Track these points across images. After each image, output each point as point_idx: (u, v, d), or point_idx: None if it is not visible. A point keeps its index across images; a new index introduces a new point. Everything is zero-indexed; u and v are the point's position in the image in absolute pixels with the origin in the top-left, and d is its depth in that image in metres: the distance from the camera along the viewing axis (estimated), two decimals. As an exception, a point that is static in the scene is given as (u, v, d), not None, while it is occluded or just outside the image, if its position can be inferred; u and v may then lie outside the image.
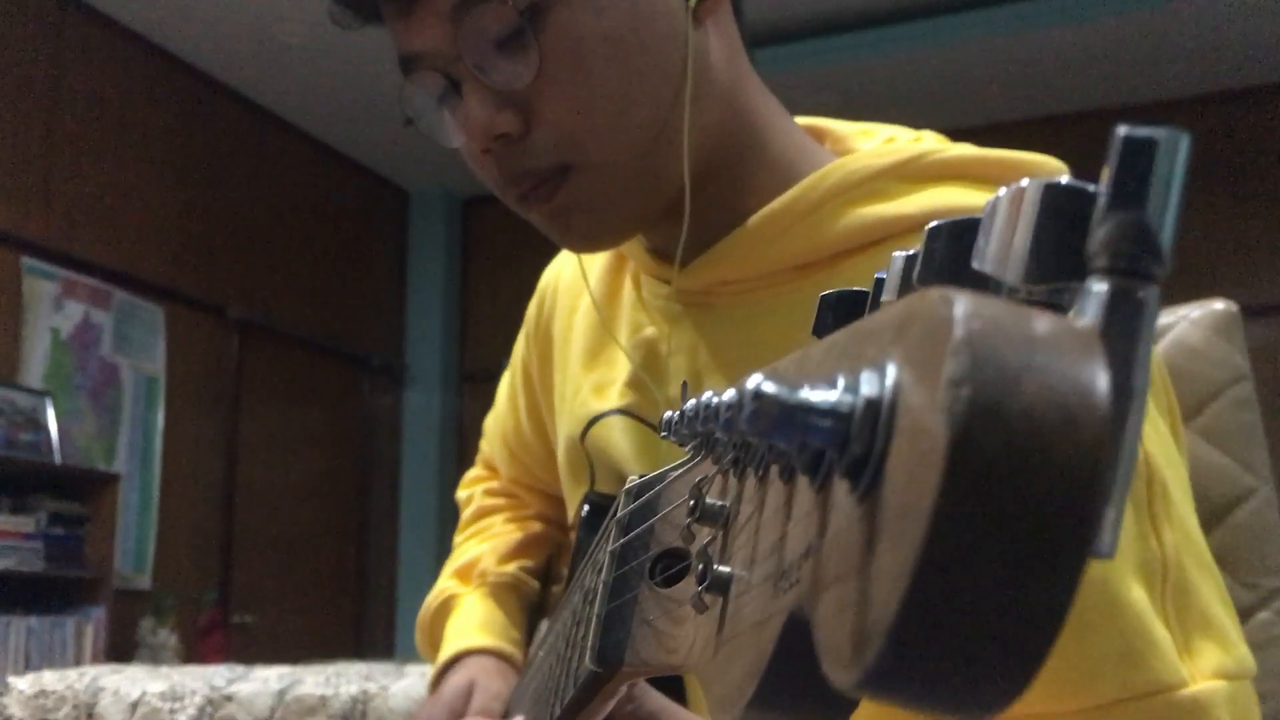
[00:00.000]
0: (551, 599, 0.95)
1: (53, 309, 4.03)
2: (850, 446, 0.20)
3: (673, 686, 0.71)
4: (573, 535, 0.83)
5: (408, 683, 1.91)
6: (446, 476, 5.61)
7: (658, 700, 0.59)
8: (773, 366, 0.27)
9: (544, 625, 0.95)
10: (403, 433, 5.85)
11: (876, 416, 0.19)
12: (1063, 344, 0.18)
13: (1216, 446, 0.90)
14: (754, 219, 0.70)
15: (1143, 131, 0.20)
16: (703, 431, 0.30)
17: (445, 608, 0.93)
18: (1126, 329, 0.19)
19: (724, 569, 0.28)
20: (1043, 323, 0.18)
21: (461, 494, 1.06)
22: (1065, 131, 4.96)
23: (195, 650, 4.34)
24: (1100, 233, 0.20)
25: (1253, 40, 4.50)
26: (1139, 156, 0.20)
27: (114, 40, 4.36)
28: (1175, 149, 0.20)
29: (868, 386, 0.20)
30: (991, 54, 4.61)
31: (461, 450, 5.71)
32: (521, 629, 0.91)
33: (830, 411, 0.20)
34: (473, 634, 0.87)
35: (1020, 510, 0.17)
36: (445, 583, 0.95)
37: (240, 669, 2.09)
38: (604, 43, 0.65)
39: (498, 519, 1.00)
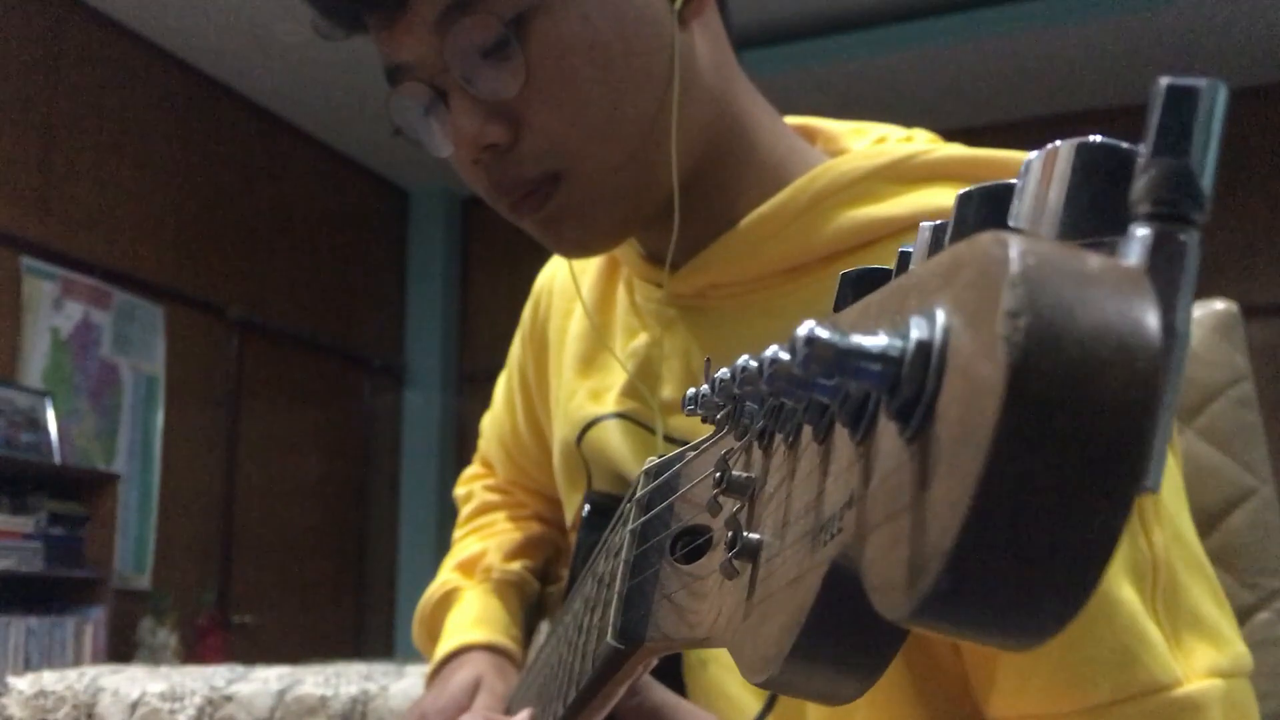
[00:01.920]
0: (548, 600, 0.95)
1: (52, 309, 4.03)
2: (901, 389, 0.20)
3: (673, 684, 0.71)
4: (572, 536, 0.83)
5: (408, 683, 1.91)
6: (446, 476, 5.61)
7: (662, 694, 0.59)
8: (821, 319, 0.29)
9: (543, 626, 0.95)
10: (403, 433, 5.85)
11: (927, 358, 0.20)
12: (1114, 279, 0.18)
13: (1216, 447, 0.90)
14: (744, 222, 0.70)
15: (1185, 81, 0.21)
16: (740, 396, 0.30)
17: (446, 600, 0.93)
18: (1170, 271, 0.20)
19: (753, 535, 0.28)
20: (1094, 260, 0.18)
21: (460, 490, 1.06)
22: (1065, 131, 4.92)
23: (195, 650, 4.34)
24: (1143, 180, 0.21)
25: (1253, 40, 4.50)
26: (1182, 105, 0.21)
27: (114, 40, 4.36)
28: (1215, 98, 0.21)
29: (917, 330, 0.20)
30: (991, 54, 4.61)
31: (461, 450, 5.70)
32: (522, 627, 0.91)
33: (880, 355, 0.20)
34: (475, 628, 0.87)
35: (1078, 435, 0.17)
36: (447, 575, 0.95)
37: (240, 669, 2.09)
38: (589, 50, 0.65)
39: (499, 516, 1.00)
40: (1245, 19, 4.35)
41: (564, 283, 0.89)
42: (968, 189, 0.24)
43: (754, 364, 0.27)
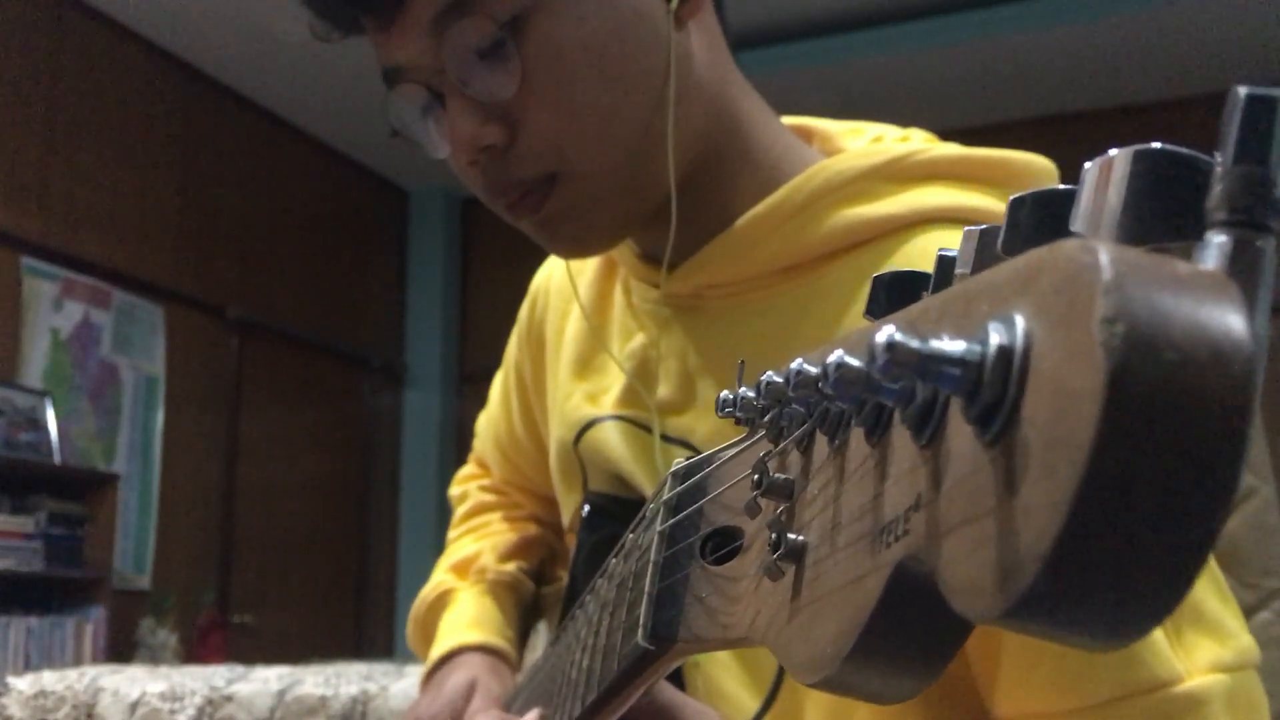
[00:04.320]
0: (545, 601, 0.95)
1: (52, 309, 4.03)
2: (981, 394, 0.20)
3: (672, 681, 0.71)
4: (570, 537, 0.83)
5: (408, 683, 1.91)
6: (446, 477, 5.59)
7: (670, 692, 0.59)
8: (841, 336, 0.29)
9: (540, 628, 0.94)
10: (403, 433, 5.85)
11: (1009, 364, 0.20)
12: (1204, 285, 0.18)
13: (1217, 447, 0.89)
14: (740, 222, 0.70)
15: (1264, 91, 0.21)
16: (784, 401, 0.30)
17: (441, 602, 0.92)
18: (1248, 278, 0.20)
19: (798, 537, 0.29)
20: (1181, 266, 0.19)
21: (455, 490, 1.06)
22: (1065, 131, 4.96)
23: (195, 650, 4.34)
24: (1220, 187, 0.21)
25: (1253, 40, 4.50)
26: (1261, 114, 0.21)
27: (114, 40, 4.36)
28: None
29: (997, 335, 0.20)
30: (991, 54, 4.61)
31: (461, 450, 5.68)
32: (517, 629, 0.91)
33: (960, 360, 0.21)
34: (470, 630, 0.87)
35: (1178, 439, 0.17)
36: (442, 576, 0.95)
37: (240, 669, 2.09)
38: (585, 51, 0.65)
39: (494, 516, 1.00)
40: (1245, 19, 4.34)
41: (561, 282, 0.89)
42: (1019, 194, 0.24)
43: (811, 369, 0.27)
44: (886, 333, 0.21)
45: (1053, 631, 0.19)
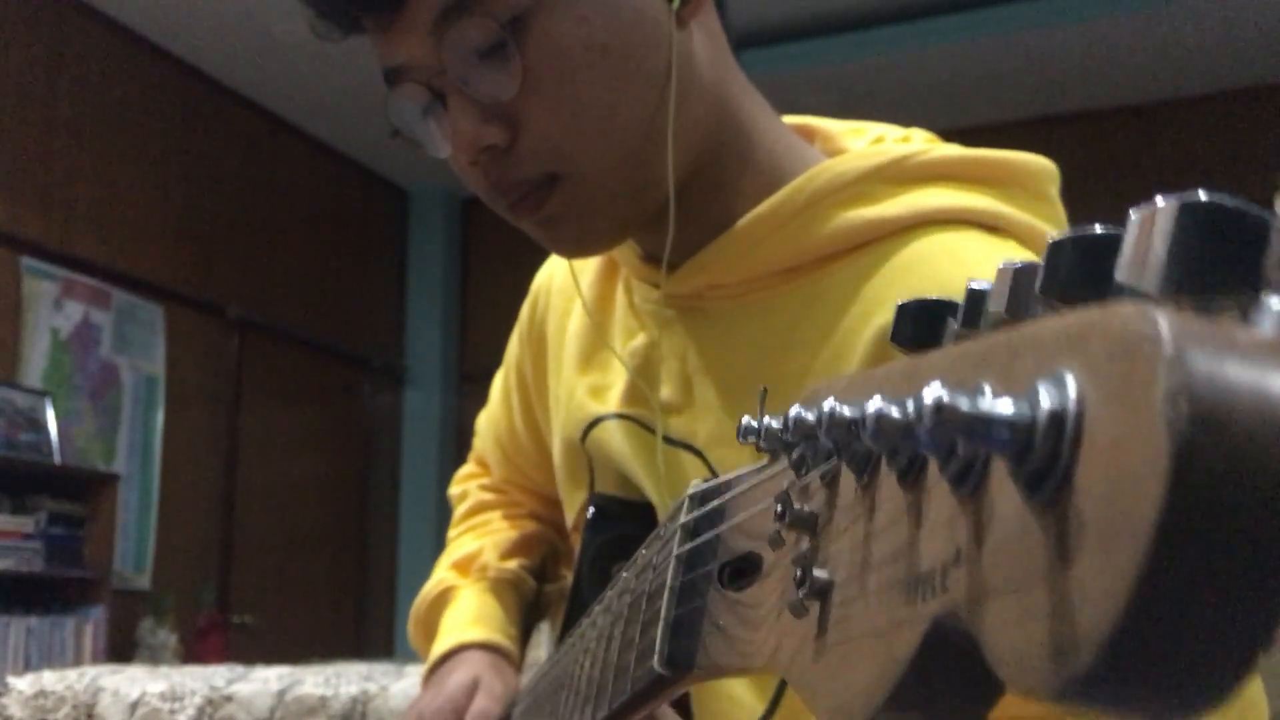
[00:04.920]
0: (546, 599, 0.95)
1: (52, 309, 4.03)
2: (1032, 456, 0.20)
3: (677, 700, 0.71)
4: (575, 537, 0.83)
5: (408, 683, 1.91)
6: (446, 476, 5.56)
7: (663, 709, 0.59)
8: (874, 373, 0.28)
9: (543, 626, 0.94)
10: (403, 433, 5.85)
11: (1061, 429, 0.19)
12: (1267, 356, 0.18)
13: (1217, 447, 0.89)
14: (741, 223, 0.70)
15: None
16: (813, 438, 0.30)
17: (442, 599, 0.92)
18: None
19: (823, 574, 0.28)
20: (1241, 335, 0.18)
21: (454, 490, 1.06)
22: (1065, 131, 4.96)
23: (195, 650, 4.34)
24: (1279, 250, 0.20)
25: (1253, 40, 4.50)
26: None
27: (114, 40, 4.36)
28: None
29: (1048, 399, 0.20)
30: (991, 54, 4.61)
31: (461, 450, 5.68)
32: (519, 626, 0.91)
33: (1009, 423, 0.20)
34: (472, 627, 0.87)
35: (1244, 522, 0.17)
36: (443, 574, 0.95)
37: (240, 669, 2.09)
38: (587, 51, 0.65)
39: (495, 515, 1.00)
40: (1245, 19, 4.34)
41: (563, 281, 0.89)
42: (1058, 238, 0.24)
43: (846, 412, 0.26)
44: (934, 394, 0.21)
45: (1104, 711, 0.18)
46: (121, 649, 4.01)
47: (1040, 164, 0.70)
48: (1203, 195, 0.21)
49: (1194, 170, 4.85)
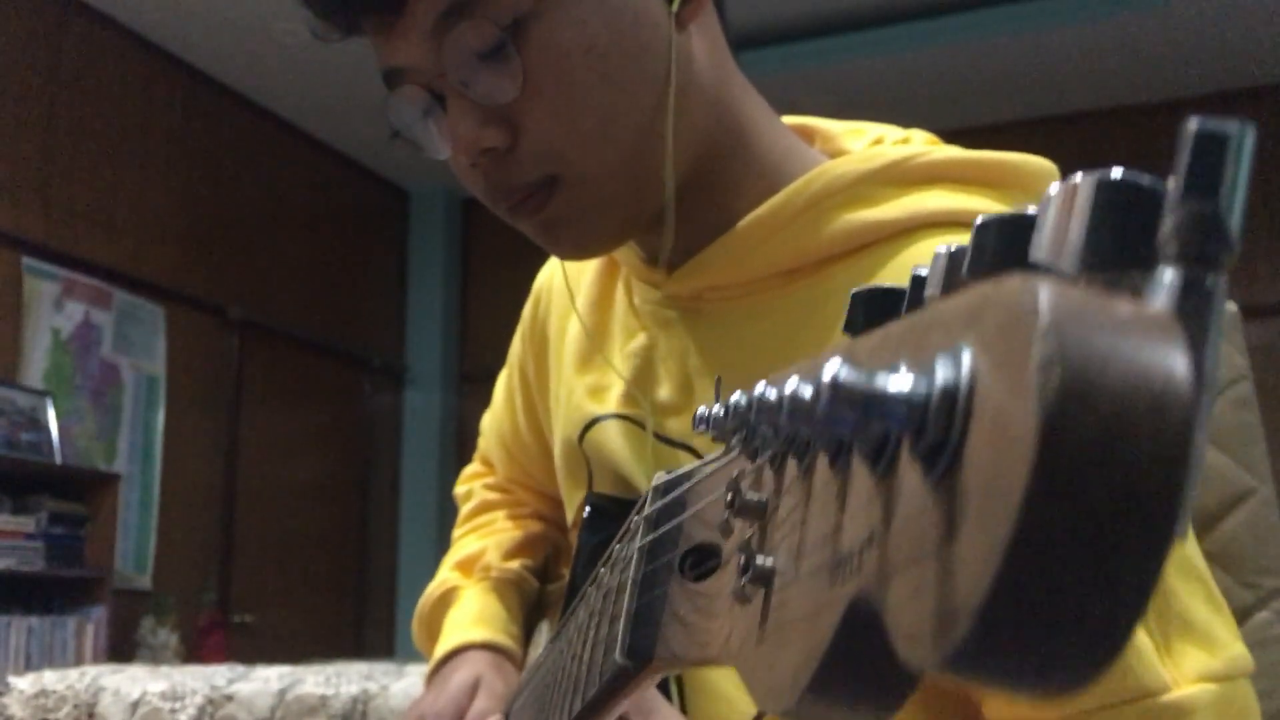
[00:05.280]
0: (548, 598, 0.95)
1: (53, 309, 4.03)
2: (926, 433, 0.20)
3: (670, 680, 0.71)
4: (573, 536, 0.83)
5: (408, 683, 1.91)
6: (446, 476, 5.60)
7: (653, 700, 0.59)
8: (823, 358, 0.28)
9: (544, 626, 0.95)
10: (403, 433, 5.85)
11: (954, 403, 0.20)
12: (1145, 328, 0.18)
13: (1216, 447, 0.90)
14: (741, 224, 0.70)
15: (1215, 125, 0.21)
16: (749, 424, 0.30)
17: (446, 599, 0.93)
18: (1198, 316, 0.20)
19: (766, 561, 0.28)
20: (1124, 307, 0.18)
21: (460, 489, 1.06)
22: (1065, 131, 4.96)
23: (195, 650, 4.34)
24: (1171, 222, 0.20)
25: (1253, 40, 4.50)
26: (1211, 149, 0.21)
27: (114, 40, 4.36)
28: (1244, 141, 0.21)
29: (943, 373, 0.20)
30: (991, 54, 4.61)
31: (461, 450, 5.70)
32: (522, 626, 0.91)
33: (905, 399, 0.20)
34: (474, 627, 0.87)
35: (1111, 491, 0.17)
36: (446, 574, 0.95)
37: (240, 669, 2.09)
38: (586, 54, 0.65)
39: (499, 515, 1.00)
40: (1245, 19, 4.34)
41: (563, 282, 0.89)
42: (986, 218, 0.24)
43: (771, 394, 0.26)
44: (831, 369, 0.21)
45: (988, 684, 0.18)
46: (122, 649, 4.01)
47: (1040, 165, 0.71)
48: (1115, 172, 0.21)
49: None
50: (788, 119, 0.79)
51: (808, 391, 0.23)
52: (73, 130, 4.17)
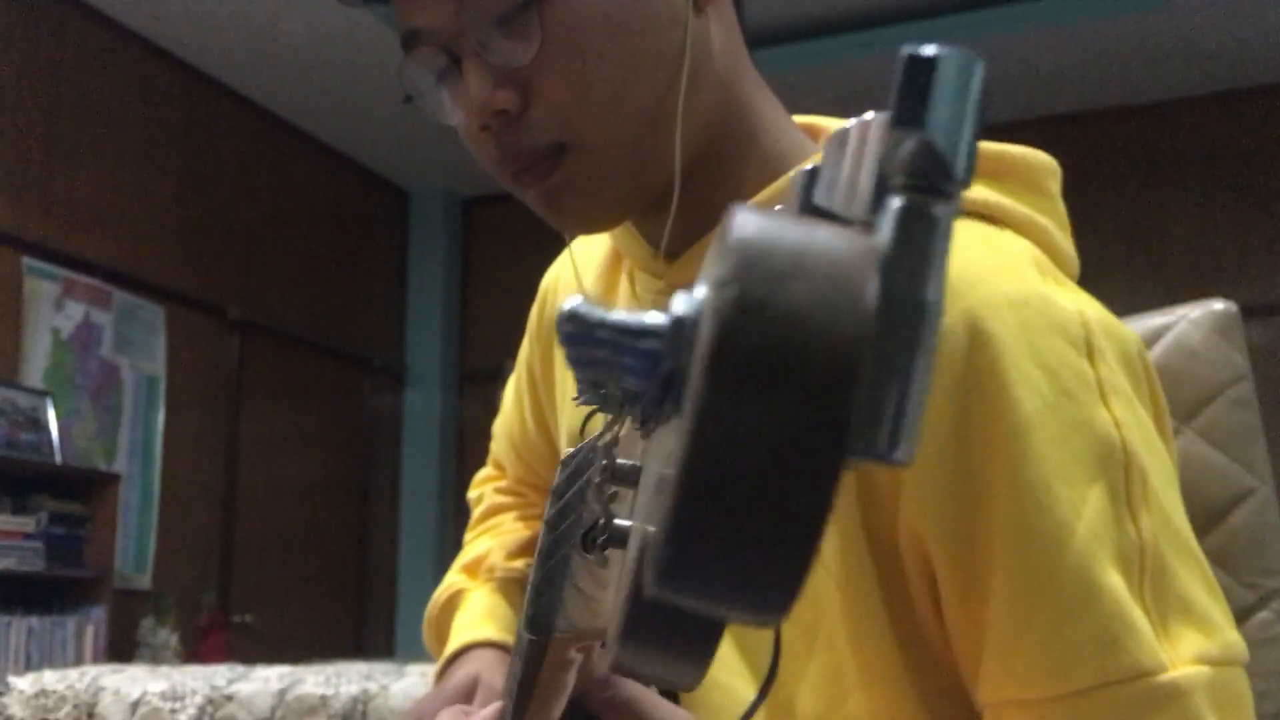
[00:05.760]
0: None
1: (53, 309, 4.03)
2: (662, 364, 0.20)
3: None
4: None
5: (408, 683, 1.91)
6: (446, 476, 5.61)
7: (635, 687, 0.59)
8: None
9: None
10: (403, 433, 5.85)
11: (682, 331, 0.20)
12: (837, 251, 0.18)
13: (1216, 447, 0.90)
14: None
15: (925, 50, 0.21)
16: (595, 386, 0.30)
17: (452, 602, 0.93)
18: (918, 244, 0.20)
19: (622, 523, 0.28)
20: (823, 234, 0.18)
21: (472, 493, 1.07)
22: (1065, 131, 4.96)
23: (196, 650, 4.34)
24: (893, 154, 0.20)
25: (1253, 40, 4.50)
26: (920, 75, 0.21)
27: (114, 40, 4.37)
28: (965, 69, 0.21)
29: (679, 306, 0.20)
30: (991, 54, 4.61)
31: (461, 450, 5.70)
32: None
33: (644, 331, 0.20)
34: (478, 627, 0.88)
35: (778, 402, 0.17)
36: (453, 577, 0.96)
37: (241, 669, 2.09)
38: (605, 24, 0.66)
39: (507, 517, 1.01)
40: (1245, 19, 4.35)
41: (569, 279, 0.90)
42: (795, 171, 0.24)
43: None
44: (571, 302, 0.21)
45: (701, 604, 0.18)
46: (122, 649, 4.01)
47: (1040, 159, 0.71)
48: (877, 114, 0.21)
49: (1194, 170, 4.86)
50: (795, 118, 0.80)
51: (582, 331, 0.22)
52: (73, 130, 4.17)
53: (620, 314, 0.20)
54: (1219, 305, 0.93)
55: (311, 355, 5.35)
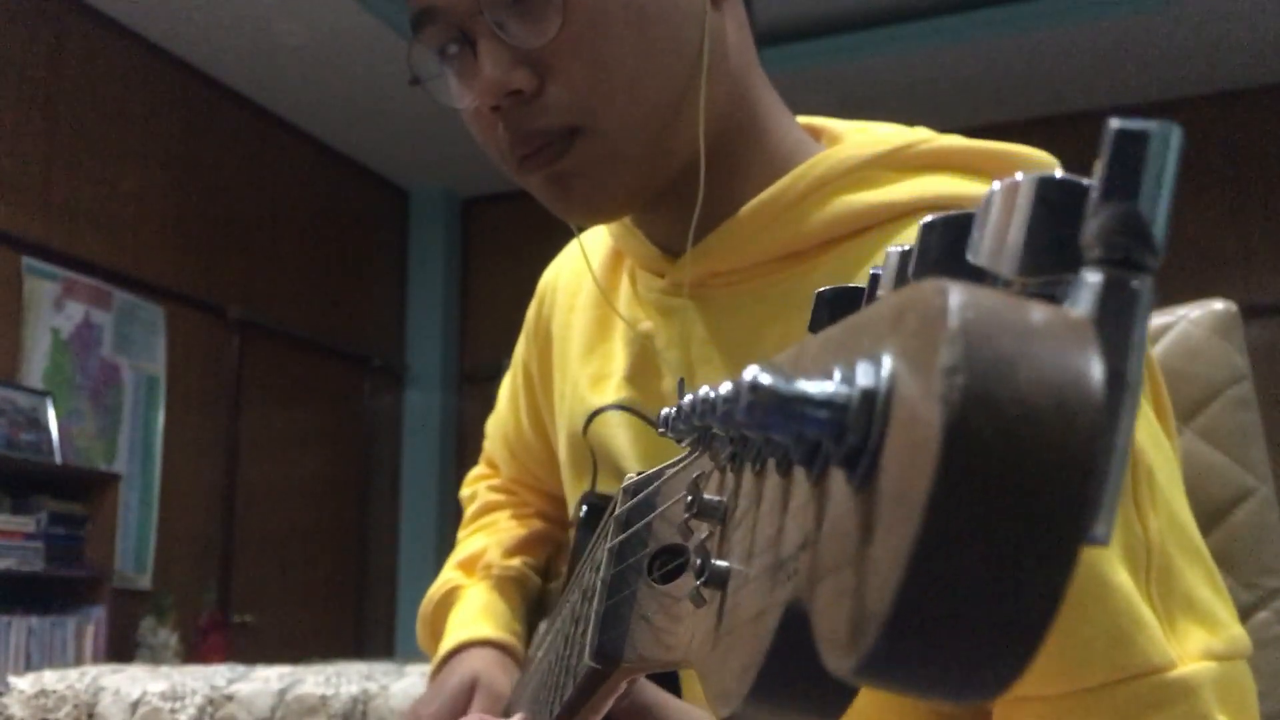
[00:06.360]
0: (550, 596, 0.95)
1: (53, 309, 4.03)
2: (846, 437, 0.20)
3: (668, 679, 0.71)
4: (571, 533, 0.83)
5: (408, 683, 1.91)
6: (446, 476, 5.61)
7: (654, 693, 0.59)
8: (770, 360, 0.28)
9: (543, 624, 0.95)
10: (403, 433, 5.85)
11: (872, 407, 0.19)
12: (1057, 332, 0.18)
13: (1216, 447, 0.90)
14: (743, 210, 0.71)
15: (1135, 124, 0.20)
16: (700, 426, 0.30)
17: (448, 599, 0.93)
18: (1120, 319, 0.20)
19: (721, 563, 0.28)
20: (1037, 312, 0.18)
21: (465, 491, 1.07)
22: (1065, 131, 4.96)
23: (196, 650, 4.34)
24: (1093, 224, 0.20)
25: (1253, 40, 4.50)
26: (1131, 149, 0.20)
27: (114, 40, 4.36)
28: (1167, 141, 0.20)
29: (864, 377, 0.20)
30: (991, 54, 4.61)
31: (461, 450, 5.70)
32: (523, 622, 0.91)
33: (826, 402, 0.20)
34: (475, 625, 0.87)
35: (1014, 496, 0.17)
36: (449, 574, 0.95)
37: (241, 669, 2.09)
38: (625, 9, 0.66)
39: (502, 515, 1.00)
40: (1245, 19, 4.35)
41: (568, 278, 0.90)
42: (931, 218, 0.24)
43: (712, 396, 0.26)
44: (751, 373, 0.21)
45: (904, 690, 0.18)
46: (122, 649, 4.01)
47: (1042, 158, 0.71)
48: (1054, 173, 0.21)
49: (1194, 170, 4.85)
50: (797, 119, 0.80)
51: (733, 395, 0.22)
52: (73, 130, 4.17)
53: (802, 384, 0.20)
54: (1219, 305, 0.93)
55: (311, 355, 5.35)
